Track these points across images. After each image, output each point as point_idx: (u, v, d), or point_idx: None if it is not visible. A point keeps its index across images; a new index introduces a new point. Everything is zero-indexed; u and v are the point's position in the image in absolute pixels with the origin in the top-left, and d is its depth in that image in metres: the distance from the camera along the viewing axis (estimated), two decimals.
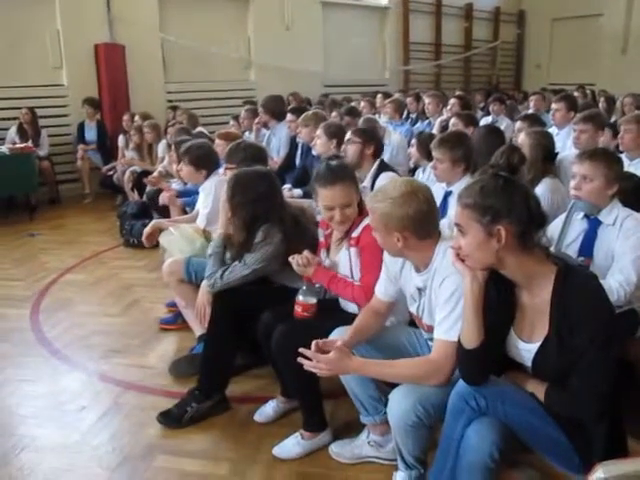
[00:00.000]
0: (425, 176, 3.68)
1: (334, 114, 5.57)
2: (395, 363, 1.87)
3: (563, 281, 1.56)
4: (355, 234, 2.29)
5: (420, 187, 1.89)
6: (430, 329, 1.92)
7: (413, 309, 2.04)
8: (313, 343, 1.89)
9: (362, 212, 2.28)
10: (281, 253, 2.56)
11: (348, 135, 3.51)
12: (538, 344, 1.61)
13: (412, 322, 2.20)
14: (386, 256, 2.08)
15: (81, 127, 7.13)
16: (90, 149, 7.04)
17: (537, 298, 1.61)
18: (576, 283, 1.55)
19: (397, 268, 2.05)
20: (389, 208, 1.83)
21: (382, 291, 2.12)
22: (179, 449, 2.39)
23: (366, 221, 2.20)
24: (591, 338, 1.50)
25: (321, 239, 2.53)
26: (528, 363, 1.66)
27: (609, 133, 3.90)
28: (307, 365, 1.86)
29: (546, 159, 3.06)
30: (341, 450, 2.30)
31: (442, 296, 1.81)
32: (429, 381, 1.78)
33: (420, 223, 1.84)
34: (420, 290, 1.95)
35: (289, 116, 5.09)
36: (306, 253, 2.39)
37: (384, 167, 3.45)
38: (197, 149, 3.45)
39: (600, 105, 6.75)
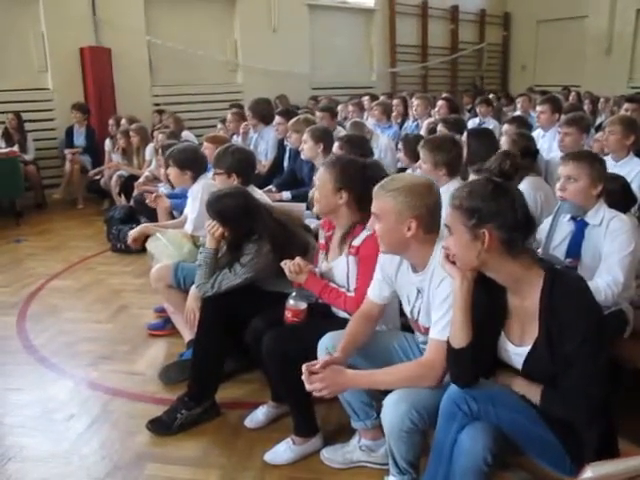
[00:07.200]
0: None
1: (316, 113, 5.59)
2: (388, 370, 1.86)
3: (551, 285, 1.57)
4: (356, 243, 2.24)
5: (432, 181, 1.97)
6: (426, 331, 1.91)
7: (408, 311, 2.03)
8: (304, 368, 1.87)
9: (364, 222, 2.19)
10: (271, 262, 2.54)
11: (335, 148, 3.40)
12: (528, 347, 1.62)
13: (404, 327, 2.19)
14: (382, 257, 2.05)
15: (69, 132, 7.03)
16: (76, 152, 6.92)
17: (526, 302, 1.62)
18: (563, 286, 1.57)
19: (393, 269, 2.03)
20: (408, 195, 1.82)
21: (376, 293, 2.10)
22: (169, 457, 2.37)
23: (368, 231, 2.17)
24: (581, 340, 1.51)
25: (321, 241, 2.50)
26: (519, 366, 1.67)
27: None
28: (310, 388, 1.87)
29: (524, 157, 3.07)
30: (332, 455, 2.29)
31: (439, 297, 1.82)
32: (425, 382, 1.78)
33: (432, 215, 1.86)
34: (419, 291, 1.94)
35: (277, 119, 5.07)
36: (298, 260, 2.35)
37: None
38: (180, 152, 3.43)
39: (585, 107, 6.81)
